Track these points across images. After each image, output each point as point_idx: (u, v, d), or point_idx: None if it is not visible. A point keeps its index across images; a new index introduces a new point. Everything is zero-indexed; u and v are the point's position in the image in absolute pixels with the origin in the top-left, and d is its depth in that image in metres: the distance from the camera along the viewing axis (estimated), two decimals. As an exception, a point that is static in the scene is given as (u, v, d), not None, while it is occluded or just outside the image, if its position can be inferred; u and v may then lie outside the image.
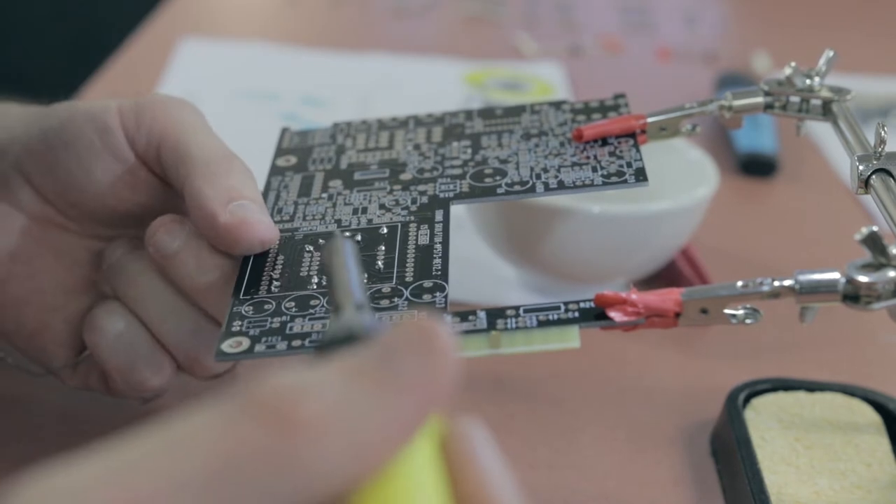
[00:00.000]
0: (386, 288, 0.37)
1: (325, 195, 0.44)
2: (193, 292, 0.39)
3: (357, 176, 0.45)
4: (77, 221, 0.41)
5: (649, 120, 0.45)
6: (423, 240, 0.40)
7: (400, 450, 0.21)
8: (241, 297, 0.37)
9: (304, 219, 0.42)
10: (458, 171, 0.44)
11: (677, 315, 0.35)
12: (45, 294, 0.41)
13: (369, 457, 0.20)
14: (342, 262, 0.28)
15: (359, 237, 0.40)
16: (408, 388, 0.21)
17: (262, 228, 0.38)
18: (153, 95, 0.41)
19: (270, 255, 0.40)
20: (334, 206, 0.43)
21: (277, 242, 0.40)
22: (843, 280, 0.34)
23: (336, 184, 0.44)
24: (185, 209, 0.39)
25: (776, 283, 0.35)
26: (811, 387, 0.46)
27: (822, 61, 0.46)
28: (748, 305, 0.35)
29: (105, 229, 0.41)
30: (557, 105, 0.48)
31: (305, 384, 0.20)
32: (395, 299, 0.37)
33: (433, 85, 0.84)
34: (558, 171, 0.43)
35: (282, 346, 0.35)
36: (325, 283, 0.38)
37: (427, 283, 0.37)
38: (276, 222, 0.42)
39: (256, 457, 0.19)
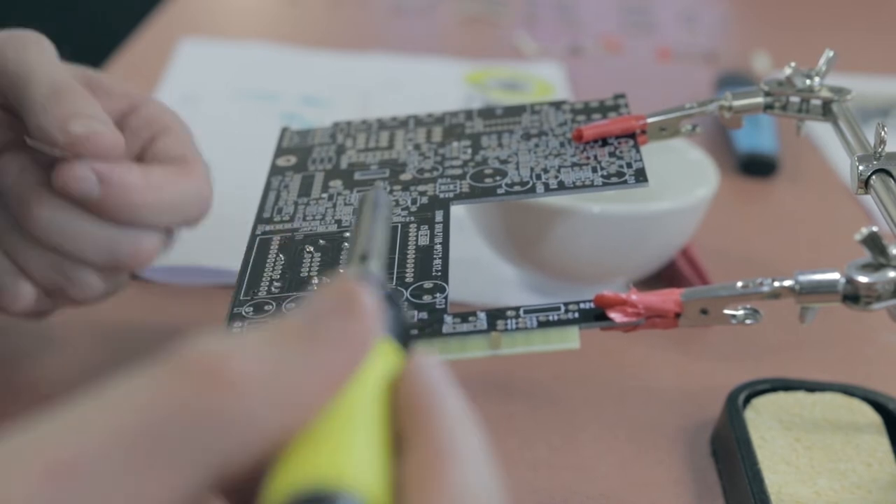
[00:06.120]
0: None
1: (325, 195, 0.44)
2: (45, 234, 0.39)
3: (357, 176, 0.45)
4: None
5: (649, 120, 0.45)
6: (424, 240, 0.40)
7: (325, 403, 0.22)
8: (241, 297, 0.37)
9: (304, 219, 0.42)
10: (458, 172, 0.44)
11: (677, 315, 0.35)
12: None
13: (295, 410, 0.21)
14: (368, 214, 0.28)
15: None
16: (329, 347, 0.22)
17: (100, 138, 0.38)
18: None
19: (270, 256, 0.40)
20: (334, 206, 0.43)
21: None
22: (842, 280, 0.34)
23: (336, 184, 0.44)
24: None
25: (776, 284, 0.35)
26: (811, 387, 0.46)
27: (822, 61, 0.46)
28: (748, 306, 0.36)
29: None
30: (557, 105, 0.48)
31: (233, 346, 0.21)
32: (396, 300, 0.37)
33: (433, 85, 0.84)
34: (558, 171, 0.43)
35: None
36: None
37: (427, 284, 0.37)
38: (276, 222, 0.42)
39: (185, 413, 0.20)
